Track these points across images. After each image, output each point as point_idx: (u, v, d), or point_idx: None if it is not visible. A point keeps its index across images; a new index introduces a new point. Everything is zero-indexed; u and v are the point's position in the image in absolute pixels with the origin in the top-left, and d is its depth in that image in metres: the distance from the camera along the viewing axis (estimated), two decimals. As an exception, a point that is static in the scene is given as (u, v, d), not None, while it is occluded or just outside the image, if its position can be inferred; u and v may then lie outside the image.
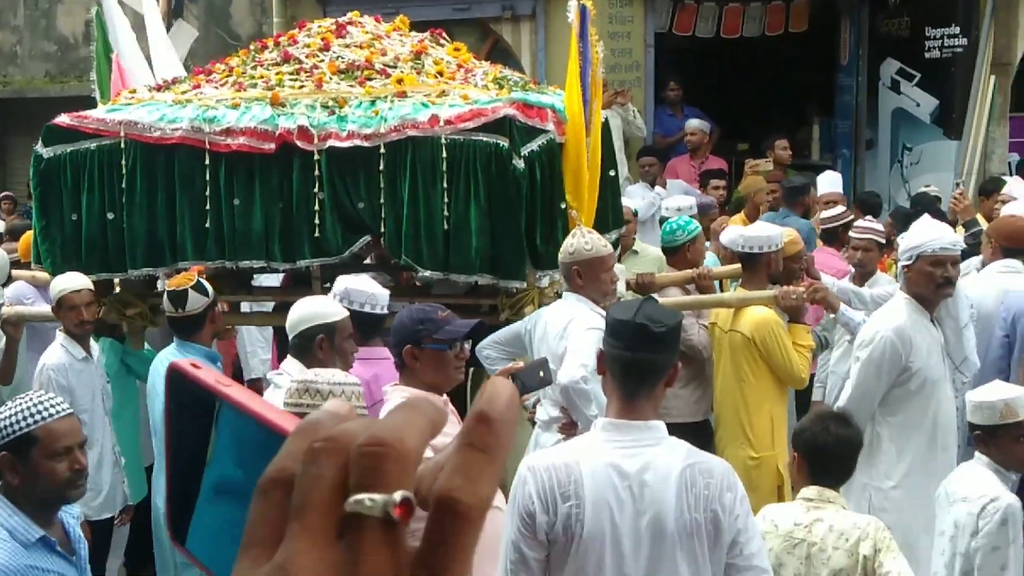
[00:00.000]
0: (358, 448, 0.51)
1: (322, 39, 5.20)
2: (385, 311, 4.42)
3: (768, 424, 5.03)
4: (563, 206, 4.66)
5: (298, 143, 4.76)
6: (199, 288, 4.73)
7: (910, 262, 4.45)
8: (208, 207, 4.93)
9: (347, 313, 4.15)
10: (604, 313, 4.24)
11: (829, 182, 8.31)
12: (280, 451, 0.55)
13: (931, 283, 4.42)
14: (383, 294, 4.48)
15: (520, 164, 4.56)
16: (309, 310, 4.13)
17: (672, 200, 7.37)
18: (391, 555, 0.50)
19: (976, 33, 10.37)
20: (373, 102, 4.77)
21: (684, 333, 5.60)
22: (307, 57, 5.10)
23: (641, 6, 10.54)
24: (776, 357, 4.94)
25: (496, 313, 4.92)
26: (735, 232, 6.09)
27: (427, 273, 4.72)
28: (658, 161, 9.57)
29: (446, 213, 4.64)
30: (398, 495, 0.50)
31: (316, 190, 4.77)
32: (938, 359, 4.49)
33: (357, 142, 4.66)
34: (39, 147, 5.16)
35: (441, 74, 4.95)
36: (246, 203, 4.87)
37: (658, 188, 9.18)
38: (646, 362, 2.79)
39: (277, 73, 5.05)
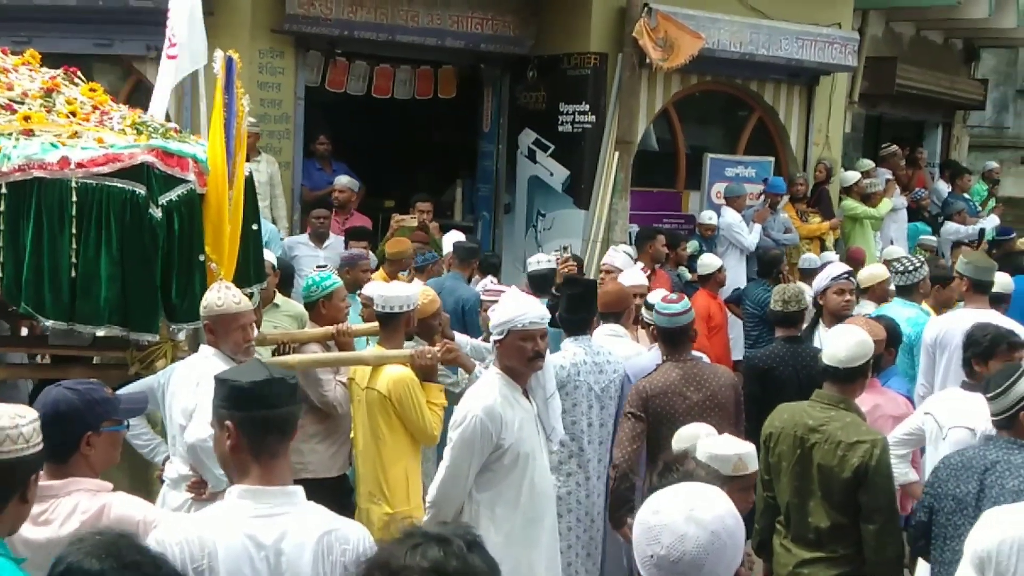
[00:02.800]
0: None
1: (-59, 64, 4.73)
2: None
3: (404, 480, 5.07)
4: (202, 258, 4.53)
5: (-96, 178, 4.28)
6: None
7: (501, 336, 4.46)
8: None
9: None
10: None
11: (451, 240, 8.72)
12: None
13: (523, 357, 4.44)
14: None
15: (157, 213, 4.40)
16: None
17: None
18: None
19: (603, 112, 11.17)
20: (-5, 138, 4.40)
21: (320, 389, 5.61)
22: (-78, 84, 4.62)
23: (292, 59, 10.47)
24: (411, 415, 5.00)
25: (125, 367, 4.67)
26: (374, 290, 6.16)
27: (49, 323, 4.42)
28: (330, 214, 9.52)
29: (74, 260, 4.37)
30: None
31: (-76, 229, 4.31)
32: (531, 431, 4.52)
33: (-25, 180, 4.28)
34: None
35: (74, 114, 4.66)
36: None
37: (330, 240, 9.21)
38: (274, 421, 2.74)
39: None
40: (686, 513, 2.11)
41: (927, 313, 7.26)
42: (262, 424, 2.73)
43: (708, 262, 9.39)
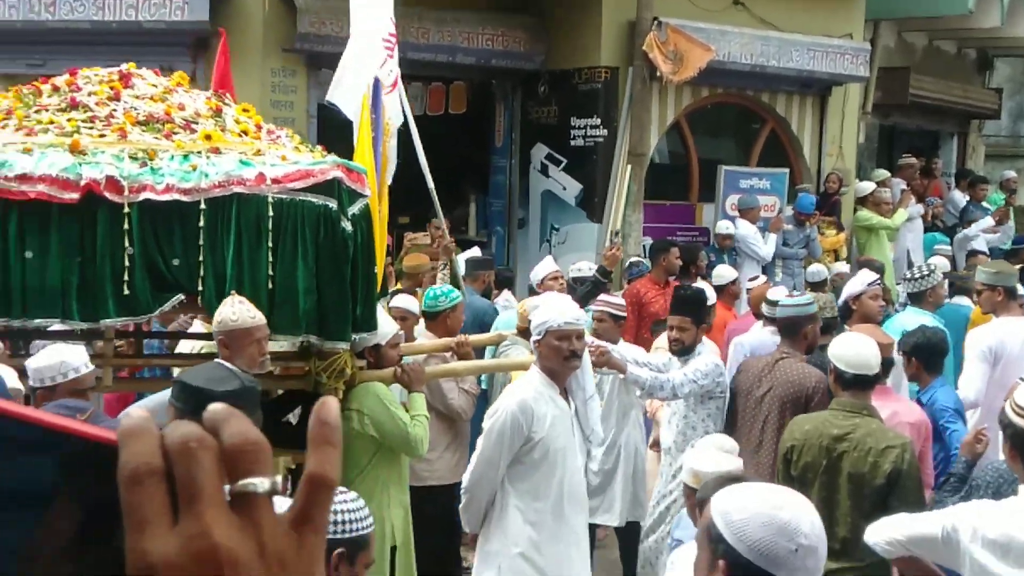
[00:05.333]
0: (238, 445, 0.71)
1: (111, 87, 5.22)
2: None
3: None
4: (376, 269, 5.11)
5: (106, 194, 4.73)
6: None
7: (539, 337, 4.88)
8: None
9: None
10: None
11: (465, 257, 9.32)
12: (128, 449, 0.69)
13: (559, 356, 4.85)
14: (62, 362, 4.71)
15: (348, 226, 4.91)
16: None
17: None
18: (276, 519, 0.71)
19: (615, 126, 11.98)
20: (186, 156, 4.85)
21: (444, 397, 6.32)
22: (97, 105, 5.09)
23: (304, 77, 11.08)
24: None
25: (308, 377, 5.20)
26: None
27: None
28: None
29: (271, 273, 4.85)
30: (279, 477, 0.71)
31: (125, 244, 4.78)
32: (565, 429, 4.90)
33: (176, 196, 4.74)
34: None
35: (246, 133, 5.13)
36: (40, 256, 4.77)
37: None
38: None
39: (69, 119, 4.98)
40: (804, 504, 2.45)
41: (940, 320, 7.72)
42: None
43: (723, 273, 9.93)
